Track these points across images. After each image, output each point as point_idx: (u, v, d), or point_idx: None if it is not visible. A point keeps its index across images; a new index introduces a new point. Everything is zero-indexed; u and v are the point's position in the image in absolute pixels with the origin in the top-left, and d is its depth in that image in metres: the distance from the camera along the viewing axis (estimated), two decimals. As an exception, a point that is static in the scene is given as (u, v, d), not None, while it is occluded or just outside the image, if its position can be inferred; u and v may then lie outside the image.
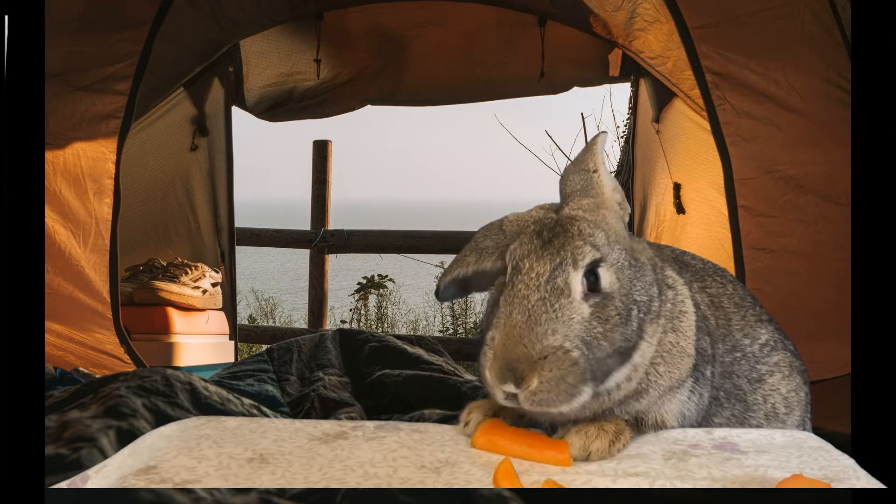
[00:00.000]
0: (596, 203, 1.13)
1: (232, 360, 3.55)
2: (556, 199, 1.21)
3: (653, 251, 1.26)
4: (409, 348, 2.47)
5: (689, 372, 1.17)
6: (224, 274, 3.76)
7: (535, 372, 0.98)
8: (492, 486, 0.96)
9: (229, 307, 3.74)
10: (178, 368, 2.03)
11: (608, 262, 1.06)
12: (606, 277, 1.05)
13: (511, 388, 0.99)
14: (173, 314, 3.25)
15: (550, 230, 1.08)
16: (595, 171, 1.16)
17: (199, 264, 3.51)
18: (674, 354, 1.15)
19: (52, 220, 2.72)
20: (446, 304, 6.09)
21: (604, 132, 1.23)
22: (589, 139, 1.21)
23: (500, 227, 1.16)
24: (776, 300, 2.18)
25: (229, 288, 3.80)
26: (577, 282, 1.03)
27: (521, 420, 1.15)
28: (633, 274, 1.09)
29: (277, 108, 4.02)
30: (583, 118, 4.69)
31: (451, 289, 1.17)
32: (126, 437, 1.31)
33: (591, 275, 1.04)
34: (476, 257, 1.14)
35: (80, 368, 2.55)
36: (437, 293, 1.19)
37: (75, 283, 2.73)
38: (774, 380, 1.34)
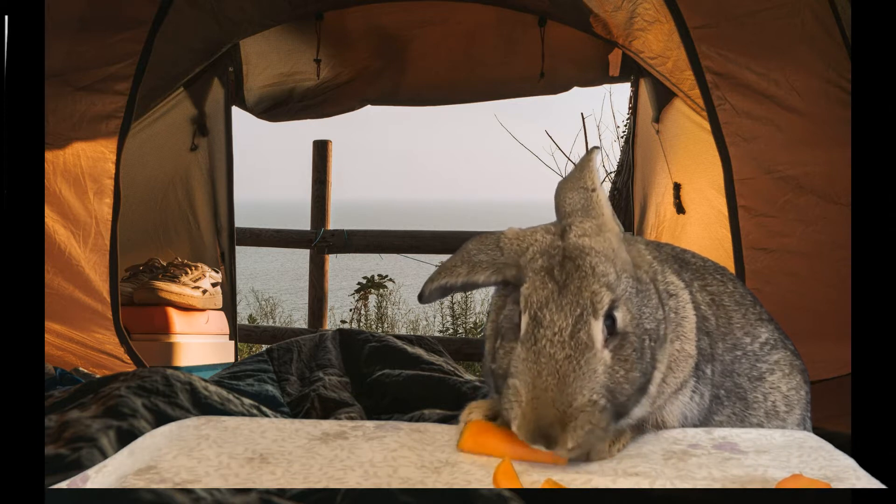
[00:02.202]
0: (598, 226, 1.11)
1: (232, 360, 3.55)
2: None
3: (652, 251, 1.25)
4: (409, 348, 2.47)
5: (691, 372, 1.18)
6: (224, 274, 3.76)
7: (567, 432, 0.98)
8: (492, 486, 0.96)
9: (229, 307, 3.74)
10: (178, 368, 2.03)
11: (619, 298, 1.04)
12: (621, 316, 1.04)
13: (542, 448, 1.00)
14: (173, 314, 3.25)
15: (561, 267, 1.04)
16: (594, 190, 1.15)
17: (199, 264, 3.51)
18: (679, 361, 1.16)
19: (52, 220, 2.72)
20: (447, 304, 6.11)
21: (596, 147, 1.22)
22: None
23: (498, 243, 1.12)
24: (776, 300, 2.18)
25: (229, 288, 3.80)
26: (599, 331, 1.02)
27: None
28: (640, 301, 1.08)
29: (277, 108, 4.02)
30: (583, 118, 4.70)
31: (437, 294, 1.15)
32: (126, 437, 1.31)
33: (609, 318, 1.03)
34: (467, 269, 1.11)
35: (80, 368, 2.55)
36: (420, 297, 1.16)
37: (75, 283, 2.73)
38: (775, 378, 1.34)
